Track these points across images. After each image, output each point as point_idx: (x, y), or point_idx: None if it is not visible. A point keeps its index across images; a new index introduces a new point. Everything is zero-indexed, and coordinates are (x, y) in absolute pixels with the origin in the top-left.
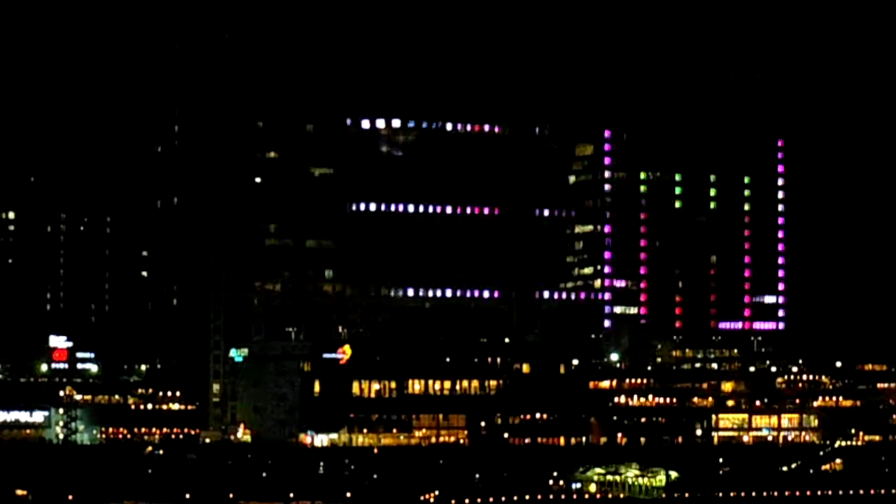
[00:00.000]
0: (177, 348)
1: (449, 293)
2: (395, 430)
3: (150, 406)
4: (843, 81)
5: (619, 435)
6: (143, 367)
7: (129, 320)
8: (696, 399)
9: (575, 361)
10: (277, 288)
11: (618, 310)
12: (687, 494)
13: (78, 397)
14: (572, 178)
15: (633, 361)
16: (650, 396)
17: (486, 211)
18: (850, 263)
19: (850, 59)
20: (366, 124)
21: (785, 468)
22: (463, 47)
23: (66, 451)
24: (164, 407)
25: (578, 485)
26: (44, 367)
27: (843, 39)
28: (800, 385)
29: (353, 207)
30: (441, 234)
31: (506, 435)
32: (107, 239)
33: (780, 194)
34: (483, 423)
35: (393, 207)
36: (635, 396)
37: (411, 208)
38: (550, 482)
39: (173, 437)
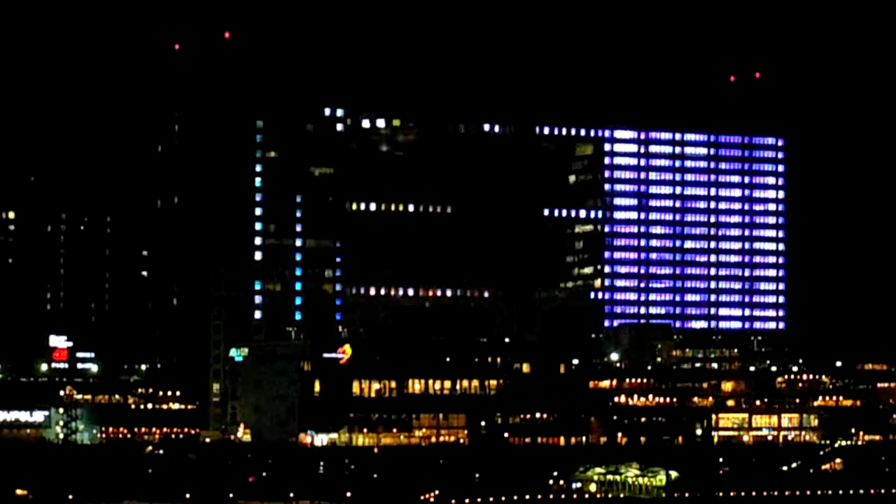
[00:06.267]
0: (177, 348)
1: (449, 293)
2: (395, 430)
3: (150, 406)
4: (844, 81)
5: (619, 435)
6: (143, 367)
7: (129, 320)
8: (696, 399)
9: (575, 361)
10: (277, 288)
11: (618, 309)
12: (687, 494)
13: (78, 397)
14: (572, 178)
15: (633, 361)
16: (650, 396)
17: (486, 211)
18: (850, 263)
19: (851, 58)
20: (366, 124)
21: (785, 468)
22: (463, 47)
23: (66, 451)
24: (164, 407)
25: (578, 485)
26: (44, 367)
27: (844, 39)
28: (800, 385)
29: (353, 207)
30: (441, 234)
31: (506, 435)
32: (107, 239)
33: (781, 194)
34: (483, 423)
35: (393, 207)
36: (635, 396)
37: (411, 208)
38: (550, 482)
39: (173, 437)
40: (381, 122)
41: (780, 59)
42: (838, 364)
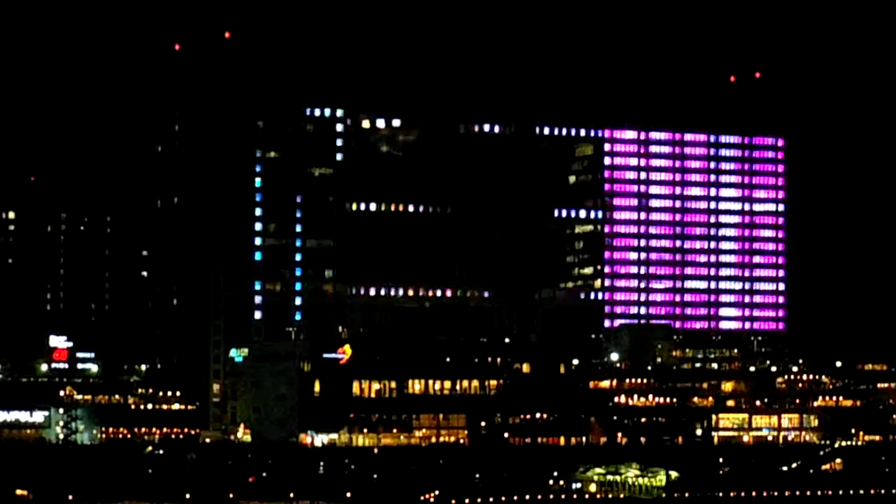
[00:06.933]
0: (177, 348)
1: (449, 293)
2: (395, 430)
3: (150, 406)
4: (844, 81)
5: (619, 435)
6: (143, 367)
7: (129, 320)
8: (696, 399)
9: (575, 361)
10: (277, 288)
11: (618, 309)
12: (687, 494)
13: (78, 397)
14: (572, 179)
15: (633, 362)
16: (650, 396)
17: (486, 211)
18: (849, 264)
19: (851, 58)
20: (366, 124)
21: (785, 468)
22: (463, 47)
23: (66, 451)
24: (164, 407)
25: (578, 485)
26: (44, 367)
27: (844, 39)
28: (800, 385)
29: (353, 207)
30: (441, 234)
31: (506, 435)
32: (107, 239)
33: (780, 194)
34: (483, 423)
35: (393, 207)
36: (635, 396)
37: (411, 208)
38: (550, 482)
39: (173, 437)
40: (381, 122)
41: (780, 59)
42: (838, 364)
